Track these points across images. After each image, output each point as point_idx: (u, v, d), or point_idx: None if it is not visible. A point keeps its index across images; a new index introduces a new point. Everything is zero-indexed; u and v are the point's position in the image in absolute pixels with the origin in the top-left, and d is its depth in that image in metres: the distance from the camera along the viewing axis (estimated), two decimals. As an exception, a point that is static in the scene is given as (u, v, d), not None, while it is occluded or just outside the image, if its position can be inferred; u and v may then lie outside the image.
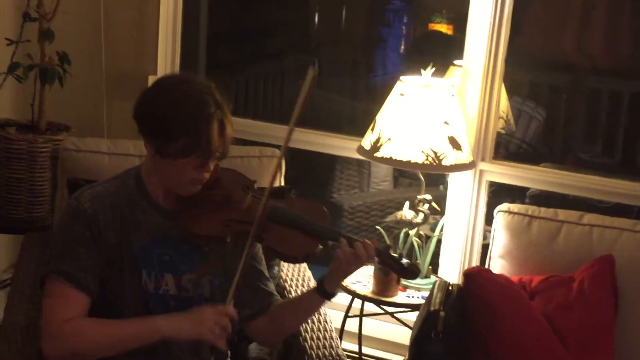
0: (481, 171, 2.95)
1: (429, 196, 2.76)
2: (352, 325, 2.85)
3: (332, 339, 2.27)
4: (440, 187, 3.17)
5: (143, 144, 1.99)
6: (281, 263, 2.52)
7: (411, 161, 2.60)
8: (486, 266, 2.59)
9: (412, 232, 2.76)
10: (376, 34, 5.38)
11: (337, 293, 2.04)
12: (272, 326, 2.12)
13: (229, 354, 2.18)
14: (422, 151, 2.60)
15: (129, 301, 1.97)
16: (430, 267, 2.81)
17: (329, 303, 2.08)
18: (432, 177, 2.99)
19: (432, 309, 2.21)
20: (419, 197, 2.75)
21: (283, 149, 1.98)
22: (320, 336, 2.27)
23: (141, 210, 1.99)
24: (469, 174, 2.93)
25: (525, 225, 2.54)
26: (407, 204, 2.78)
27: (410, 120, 2.63)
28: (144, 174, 2.03)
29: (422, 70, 2.73)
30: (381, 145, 2.65)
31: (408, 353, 2.27)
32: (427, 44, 5.01)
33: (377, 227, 2.87)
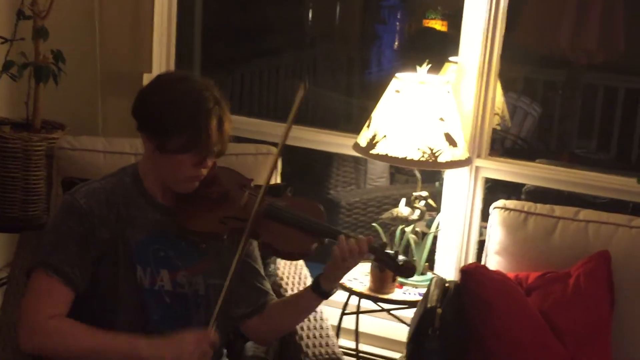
0: (477, 167, 2.95)
1: (425, 193, 2.76)
2: (349, 322, 2.85)
3: (328, 337, 2.26)
4: (436, 184, 3.17)
5: (138, 142, 1.99)
6: (277, 261, 2.51)
7: (407, 158, 2.60)
8: (482, 263, 2.59)
9: (408, 229, 2.75)
10: (371, 30, 5.38)
11: (334, 292, 2.04)
12: (267, 325, 2.12)
13: (225, 352, 2.18)
14: (418, 148, 2.60)
15: (124, 297, 1.97)
16: (427, 263, 2.81)
17: (325, 300, 2.08)
18: (428, 173, 2.99)
19: (429, 306, 2.21)
20: (415, 194, 2.75)
21: (278, 151, 1.99)
22: (317, 334, 2.27)
23: (138, 207, 1.99)
24: (464, 170, 2.93)
25: (521, 221, 2.53)
26: (404, 200, 2.78)
27: (406, 117, 2.63)
28: (141, 171, 2.03)
29: (418, 67, 2.73)
30: (377, 142, 2.65)
31: (405, 350, 2.27)
32: (422, 40, 5.02)
33: (374, 224, 2.87)
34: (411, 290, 2.73)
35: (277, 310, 2.12)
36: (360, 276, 2.76)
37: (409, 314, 2.67)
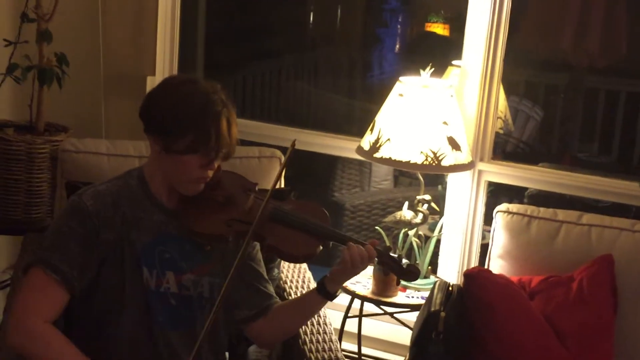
0: (480, 171, 2.95)
1: (428, 196, 2.76)
2: (351, 325, 2.85)
3: (331, 341, 2.26)
4: (439, 187, 3.17)
5: (142, 144, 2.00)
6: (281, 265, 2.52)
7: (410, 161, 2.61)
8: (485, 266, 2.60)
9: (411, 233, 2.76)
10: (373, 33, 5.38)
11: (338, 294, 2.06)
12: (271, 327, 2.12)
13: (227, 356, 2.18)
14: (422, 151, 2.60)
15: (130, 298, 1.97)
16: (430, 267, 2.81)
17: (328, 304, 2.09)
18: (431, 177, 2.99)
19: (432, 309, 2.21)
20: (418, 197, 2.76)
21: (285, 160, 2.03)
22: (320, 339, 2.27)
23: (144, 209, 2.00)
24: (467, 174, 2.93)
25: (524, 225, 2.54)
26: (407, 204, 2.78)
27: (409, 120, 2.64)
28: (147, 173, 2.04)
29: (421, 71, 2.73)
30: (380, 145, 2.65)
31: (409, 353, 2.27)
32: (423, 44, 5.02)
33: (377, 227, 2.87)
34: (414, 293, 2.73)
35: (281, 312, 2.13)
36: (363, 279, 2.76)
37: (411, 317, 2.67)
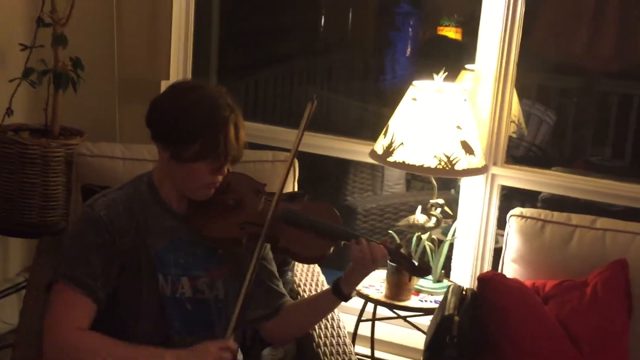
0: (493, 175, 2.95)
1: (441, 200, 2.76)
2: (365, 329, 2.85)
3: (345, 344, 2.27)
4: (452, 191, 3.17)
5: (156, 149, 2.00)
6: (294, 268, 2.52)
7: (424, 166, 2.61)
8: (499, 270, 2.59)
9: (424, 237, 2.76)
10: (385, 37, 5.38)
11: (353, 295, 2.07)
12: (284, 326, 2.13)
13: (241, 357, 2.19)
14: (435, 156, 2.60)
15: (146, 305, 1.98)
16: (443, 271, 2.81)
17: (342, 307, 2.10)
18: (444, 181, 2.99)
19: (446, 313, 2.21)
20: (431, 201, 2.76)
21: (291, 157, 2.04)
22: (334, 342, 2.27)
23: (155, 215, 2.00)
24: (481, 178, 2.93)
25: (538, 229, 2.54)
26: (420, 208, 2.78)
27: (423, 124, 2.64)
28: (157, 179, 2.04)
29: (434, 75, 2.74)
30: (394, 149, 2.66)
31: (422, 357, 2.27)
32: (436, 47, 5.01)
33: (390, 231, 2.88)
34: (427, 297, 2.73)
35: (294, 311, 2.14)
36: (376, 283, 2.76)
37: (425, 321, 2.67)
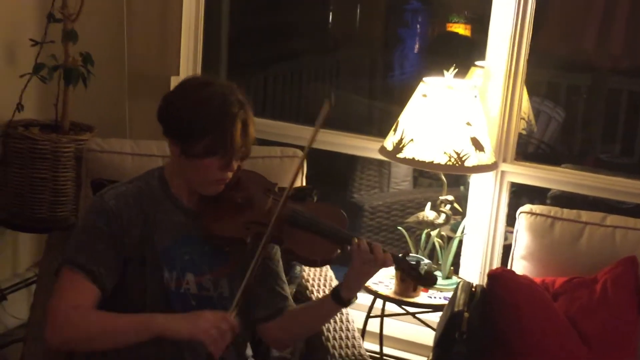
0: (503, 172, 2.95)
1: (450, 197, 2.76)
2: (373, 325, 2.85)
3: (354, 338, 2.27)
4: (461, 188, 3.17)
5: (166, 144, 2.00)
6: (303, 263, 2.52)
7: (434, 162, 2.61)
8: (508, 267, 2.59)
9: (433, 233, 2.76)
10: (394, 34, 5.38)
11: (353, 301, 2.02)
12: (284, 330, 2.12)
13: (251, 353, 2.19)
14: (445, 152, 2.60)
15: (151, 299, 1.98)
16: (452, 267, 2.81)
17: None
18: (453, 177, 2.99)
19: (456, 309, 2.21)
20: (441, 197, 2.76)
21: (303, 155, 2.01)
22: (343, 336, 2.27)
23: (164, 210, 2.01)
24: (490, 174, 2.93)
25: (547, 226, 2.53)
26: (429, 204, 2.78)
27: (433, 121, 2.64)
28: (168, 174, 2.04)
29: (445, 72, 2.73)
30: (404, 146, 2.66)
31: (432, 354, 2.27)
32: (445, 44, 5.01)
33: (399, 227, 2.88)
34: (436, 294, 2.73)
35: (296, 316, 2.11)
36: (385, 279, 2.77)
37: (434, 317, 2.67)
